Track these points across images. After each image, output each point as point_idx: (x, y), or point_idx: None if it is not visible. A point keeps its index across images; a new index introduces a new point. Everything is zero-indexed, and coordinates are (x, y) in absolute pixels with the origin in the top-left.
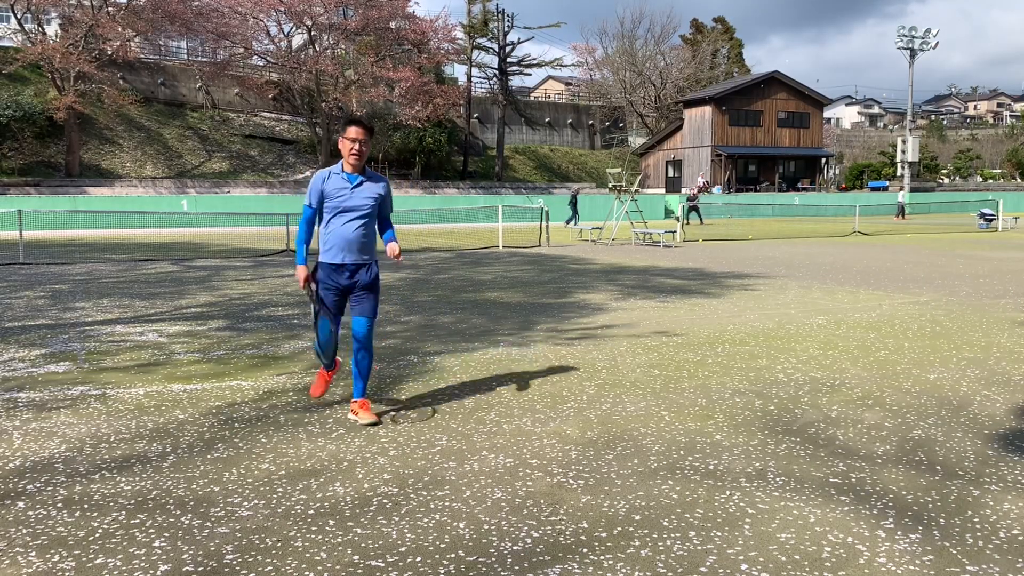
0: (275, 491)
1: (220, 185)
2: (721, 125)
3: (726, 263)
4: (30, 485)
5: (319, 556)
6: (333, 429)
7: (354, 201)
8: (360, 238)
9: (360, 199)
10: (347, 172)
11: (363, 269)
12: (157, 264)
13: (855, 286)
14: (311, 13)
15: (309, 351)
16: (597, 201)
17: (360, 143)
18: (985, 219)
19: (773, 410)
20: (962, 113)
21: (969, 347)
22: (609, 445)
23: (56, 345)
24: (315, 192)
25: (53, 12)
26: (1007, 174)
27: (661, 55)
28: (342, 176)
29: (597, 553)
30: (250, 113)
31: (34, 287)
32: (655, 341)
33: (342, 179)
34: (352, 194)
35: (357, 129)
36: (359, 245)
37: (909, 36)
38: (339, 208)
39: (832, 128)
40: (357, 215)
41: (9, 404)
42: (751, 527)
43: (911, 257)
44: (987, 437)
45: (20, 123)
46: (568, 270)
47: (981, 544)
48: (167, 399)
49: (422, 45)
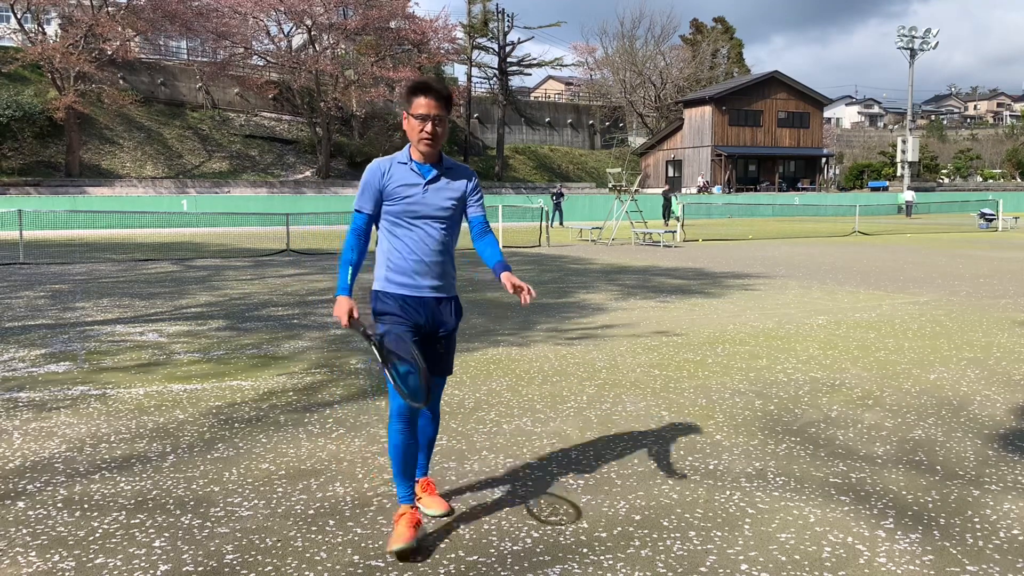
0: (275, 491)
1: (220, 185)
2: (721, 125)
3: (726, 263)
4: (30, 485)
5: (319, 556)
6: (333, 429)
7: (430, 203)
8: (440, 257)
9: (438, 200)
10: (417, 162)
11: (447, 305)
12: (157, 264)
13: (855, 286)
14: (311, 13)
15: (309, 351)
16: (597, 201)
17: (434, 121)
18: (985, 219)
19: (773, 410)
20: (962, 113)
21: (969, 347)
22: (609, 445)
23: (56, 345)
24: (370, 191)
25: (53, 12)
26: (1007, 174)
27: (661, 55)
28: (410, 167)
29: (597, 553)
30: (250, 113)
31: (34, 287)
32: (655, 341)
33: (411, 172)
34: (426, 193)
35: (428, 100)
36: (440, 268)
37: (909, 36)
38: (408, 213)
39: (832, 128)
40: (435, 224)
41: (9, 404)
42: (751, 527)
43: (911, 257)
44: (987, 437)
45: (20, 123)
46: (568, 270)
47: (981, 544)
48: (167, 399)
49: (422, 45)
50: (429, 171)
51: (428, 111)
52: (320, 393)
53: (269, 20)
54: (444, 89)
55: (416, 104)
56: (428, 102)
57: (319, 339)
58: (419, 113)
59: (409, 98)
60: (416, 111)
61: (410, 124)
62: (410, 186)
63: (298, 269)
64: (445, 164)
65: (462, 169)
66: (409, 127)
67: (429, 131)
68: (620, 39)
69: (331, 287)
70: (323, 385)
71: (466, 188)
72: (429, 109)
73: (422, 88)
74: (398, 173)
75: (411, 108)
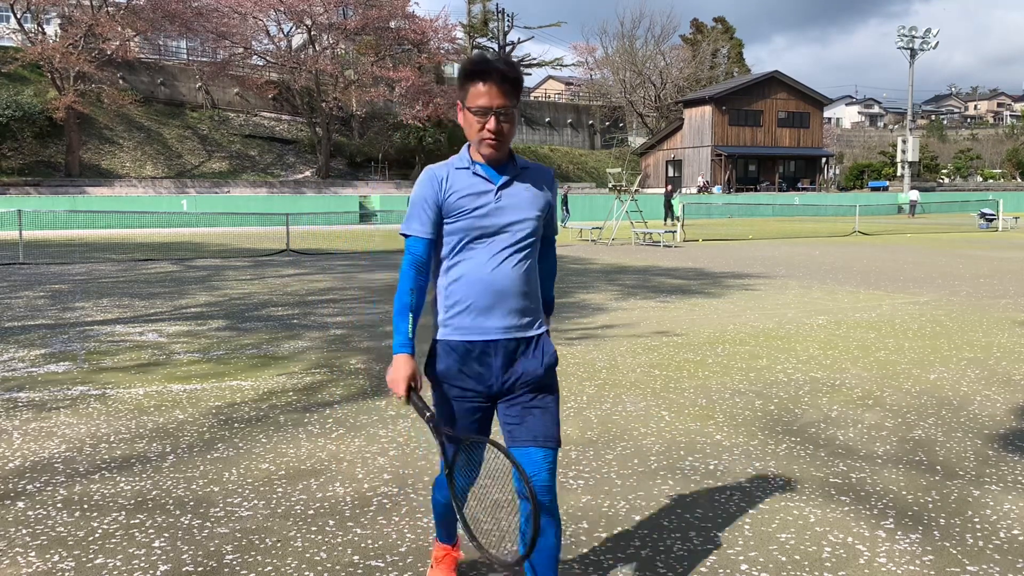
0: (275, 491)
1: (220, 185)
2: (721, 125)
3: (726, 263)
4: (30, 485)
5: (319, 556)
6: (333, 429)
7: (505, 215)
8: (521, 284)
9: (516, 211)
10: (482, 164)
11: (529, 346)
12: (157, 264)
13: (855, 286)
14: (311, 13)
15: (309, 351)
16: (597, 201)
17: (498, 116)
18: (985, 219)
19: (773, 410)
20: (962, 113)
21: (969, 347)
22: (609, 445)
23: (56, 345)
24: (427, 208)
25: (53, 12)
26: (1007, 174)
27: (661, 55)
28: (473, 172)
29: (597, 553)
30: (250, 113)
31: (34, 287)
32: (655, 341)
33: (476, 177)
34: (499, 202)
35: (489, 88)
36: (520, 298)
37: (909, 36)
38: (477, 230)
39: (832, 128)
40: (512, 242)
41: (9, 404)
42: (751, 527)
43: (911, 257)
44: (987, 437)
45: (20, 123)
46: (568, 270)
47: (981, 544)
48: (167, 399)
49: (422, 45)
50: (499, 175)
51: (490, 102)
52: (320, 393)
53: (269, 20)
54: (511, 70)
55: (474, 93)
56: (490, 89)
57: (319, 339)
58: (478, 106)
59: (464, 84)
60: (474, 103)
61: (467, 119)
62: (478, 195)
63: (298, 269)
64: (518, 165)
65: (539, 170)
66: (466, 123)
67: (493, 129)
68: (620, 39)
69: (331, 286)
70: (323, 385)
71: (548, 194)
72: (492, 100)
73: (480, 71)
74: (460, 181)
75: (467, 99)
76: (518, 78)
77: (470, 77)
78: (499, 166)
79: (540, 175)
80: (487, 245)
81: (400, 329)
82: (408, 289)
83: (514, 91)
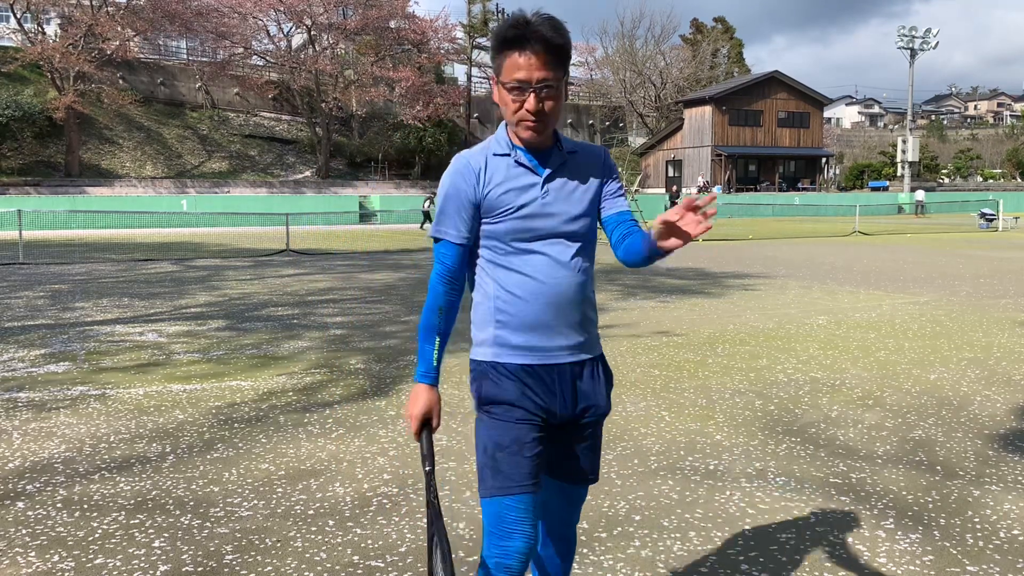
0: (275, 491)
1: (220, 185)
2: (721, 125)
3: (726, 263)
4: (30, 485)
5: (319, 556)
6: (333, 429)
7: (557, 211)
8: (579, 294)
9: (568, 205)
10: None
11: (591, 372)
12: (157, 264)
13: (855, 286)
14: (311, 13)
15: (309, 351)
16: None
17: (537, 91)
18: (985, 219)
19: (773, 410)
20: (962, 113)
21: (969, 347)
22: (609, 445)
23: (56, 345)
24: (462, 205)
25: (52, 12)
26: (1007, 174)
27: (661, 55)
28: (514, 159)
29: (597, 553)
30: (250, 113)
31: (34, 287)
32: (655, 341)
33: (517, 167)
34: (547, 196)
35: (528, 58)
36: (579, 314)
37: (909, 36)
38: (525, 232)
39: (832, 128)
40: (566, 243)
41: (9, 404)
42: (751, 527)
43: (911, 257)
44: (987, 437)
45: (20, 123)
46: None
47: (981, 544)
48: (167, 399)
49: (422, 45)
50: (545, 161)
51: (529, 76)
52: (320, 393)
53: (269, 20)
54: (557, 35)
55: (509, 65)
56: (529, 60)
57: (319, 339)
58: (515, 80)
59: (499, 55)
60: (509, 76)
61: (502, 96)
62: (522, 191)
63: (298, 269)
64: (566, 148)
65: (590, 152)
66: (501, 100)
67: (532, 108)
68: (620, 39)
69: (331, 286)
70: (323, 385)
71: (601, 175)
72: (531, 72)
73: (517, 38)
74: (499, 171)
75: (502, 72)
76: (564, 45)
77: (506, 44)
78: (543, 152)
79: (591, 157)
80: (537, 250)
81: (425, 355)
82: (436, 308)
83: (559, 61)
